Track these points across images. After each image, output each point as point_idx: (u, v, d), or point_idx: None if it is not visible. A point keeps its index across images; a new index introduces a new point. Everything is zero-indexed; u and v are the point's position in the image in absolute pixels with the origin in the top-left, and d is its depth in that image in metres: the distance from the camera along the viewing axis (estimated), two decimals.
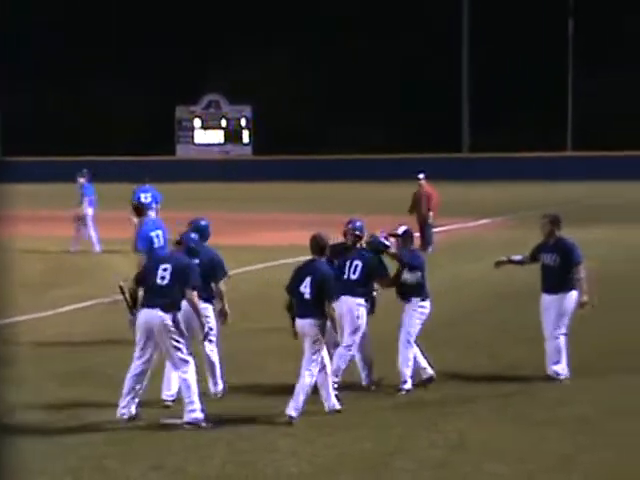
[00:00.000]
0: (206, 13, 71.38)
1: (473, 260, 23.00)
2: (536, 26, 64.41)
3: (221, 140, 70.52)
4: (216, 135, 70.72)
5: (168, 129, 69.87)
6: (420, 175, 24.75)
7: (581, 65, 63.36)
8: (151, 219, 16.41)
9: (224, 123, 70.41)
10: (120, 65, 70.61)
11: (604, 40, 64.93)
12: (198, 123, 70.64)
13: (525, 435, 10.16)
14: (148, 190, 26.32)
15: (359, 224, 12.30)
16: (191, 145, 70.75)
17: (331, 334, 11.07)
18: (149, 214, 24.91)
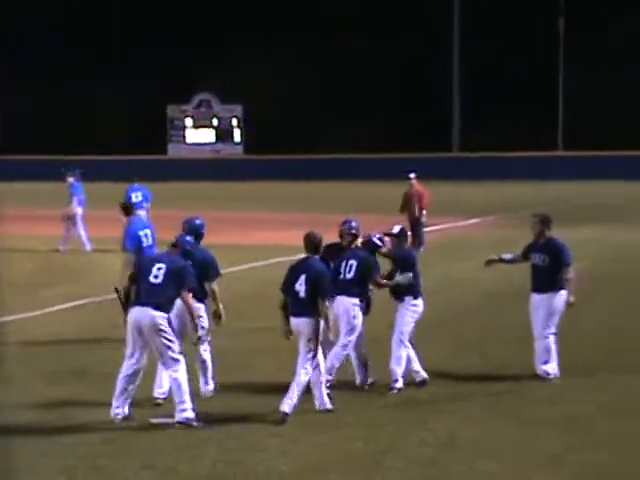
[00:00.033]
0: (198, 12, 71.33)
1: (464, 259, 23.03)
2: (527, 26, 64.50)
3: (212, 139, 70.50)
4: (207, 134, 70.70)
5: (159, 128, 69.82)
6: (411, 174, 24.76)
7: (572, 65, 63.47)
8: (139, 218, 16.38)
9: (215, 122, 70.39)
10: (112, 65, 70.55)
11: (595, 40, 65.05)
12: (189, 122, 70.60)
13: (515, 434, 10.19)
14: (138, 189, 26.33)
15: (355, 224, 12.36)
16: (182, 144, 70.70)
17: (325, 333, 11.08)
18: (138, 213, 24.97)
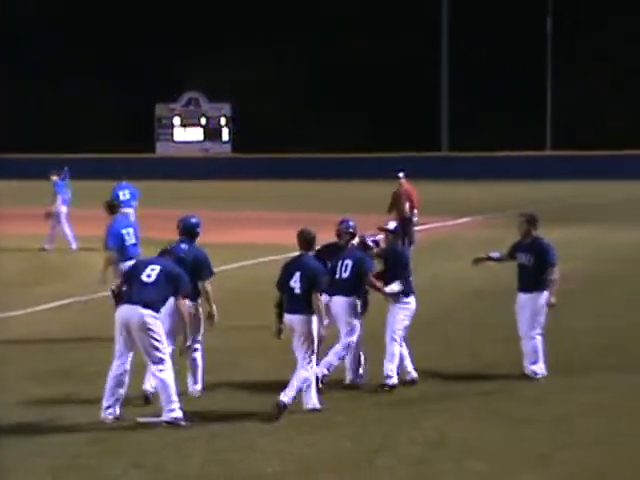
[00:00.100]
0: (187, 11, 71.27)
1: (453, 259, 23.07)
2: (515, 26, 64.62)
3: (200, 138, 70.47)
4: (196, 133, 70.66)
5: (148, 127, 69.75)
6: (400, 174, 24.78)
7: (560, 65, 63.61)
8: (123, 217, 16.33)
9: (204, 121, 70.36)
10: (102, 64, 70.50)
11: (582, 40, 65.19)
12: (178, 121, 70.55)
13: (503, 433, 10.22)
14: (126, 187, 26.31)
15: (352, 223, 12.46)
16: (171, 143, 70.66)
17: (319, 329, 11.06)
18: (125, 211, 25.00)
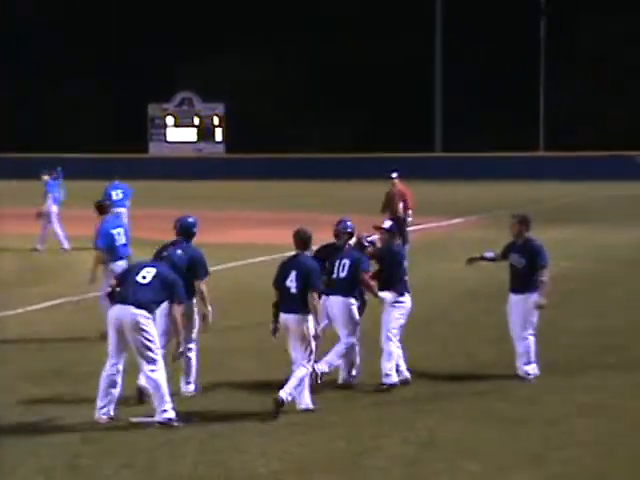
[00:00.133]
0: (181, 11, 71.21)
1: (447, 259, 23.07)
2: (509, 27, 64.69)
3: (194, 138, 70.39)
4: (189, 133, 70.58)
5: (140, 126, 69.66)
6: (393, 174, 24.77)
7: (553, 66, 63.68)
8: (114, 217, 16.30)
9: (197, 121, 70.28)
10: (94, 63, 70.46)
11: (576, 41, 65.31)
12: (171, 121, 70.46)
13: (497, 433, 10.21)
14: (119, 187, 26.29)
15: (350, 223, 12.50)
16: (164, 143, 70.58)
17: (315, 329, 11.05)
18: (117, 211, 25.01)
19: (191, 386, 11.76)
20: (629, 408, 11.12)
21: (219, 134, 70.09)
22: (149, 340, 10.42)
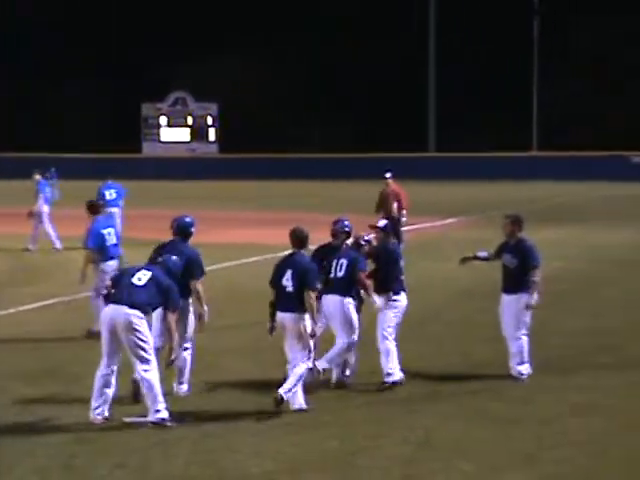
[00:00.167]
0: (175, 11, 71.15)
1: (442, 259, 23.06)
2: (502, 26, 64.74)
3: (187, 138, 70.33)
4: (182, 133, 70.53)
5: (134, 126, 69.59)
6: (387, 174, 24.78)
7: (546, 66, 63.74)
8: (107, 217, 16.29)
9: (190, 121, 70.22)
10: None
11: (569, 41, 65.39)
12: (164, 121, 70.40)
13: (491, 433, 10.21)
14: (112, 187, 26.28)
15: (347, 222, 12.49)
16: (157, 143, 70.51)
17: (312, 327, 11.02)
18: (109, 211, 24.96)
19: (184, 386, 11.74)
20: (622, 408, 11.13)
21: (212, 134, 70.06)
22: (142, 340, 10.40)
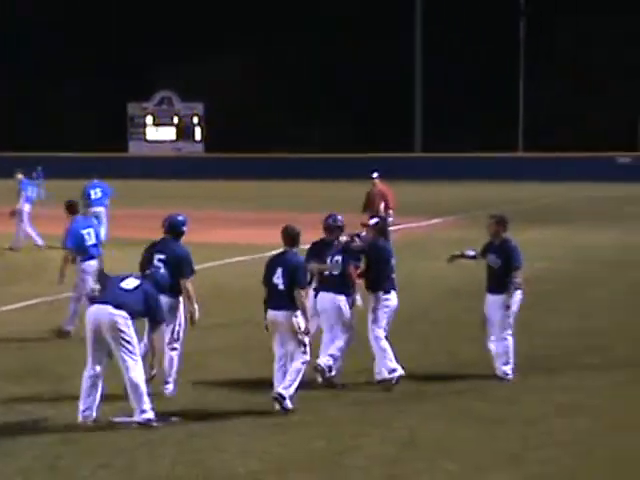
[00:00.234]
0: (162, 11, 71.05)
1: (427, 258, 23.10)
2: (488, 27, 64.90)
3: (173, 137, 70.26)
4: (168, 132, 70.44)
5: (120, 125, 69.48)
6: (374, 174, 24.80)
7: (532, 67, 63.90)
8: (82, 217, 16.23)
9: (176, 120, 70.14)
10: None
11: (555, 42, 65.57)
12: (150, 120, 70.28)
13: (475, 433, 10.23)
14: (98, 186, 26.24)
15: (340, 217, 12.41)
16: (143, 142, 70.40)
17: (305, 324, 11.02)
18: (94, 210, 24.87)
19: (170, 385, 11.71)
20: (608, 408, 11.16)
21: (198, 133, 70.00)
22: (127, 341, 10.34)
